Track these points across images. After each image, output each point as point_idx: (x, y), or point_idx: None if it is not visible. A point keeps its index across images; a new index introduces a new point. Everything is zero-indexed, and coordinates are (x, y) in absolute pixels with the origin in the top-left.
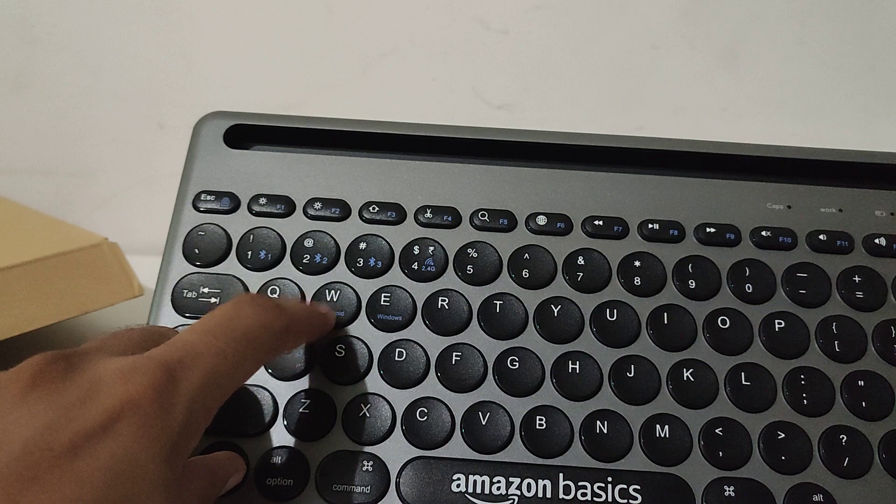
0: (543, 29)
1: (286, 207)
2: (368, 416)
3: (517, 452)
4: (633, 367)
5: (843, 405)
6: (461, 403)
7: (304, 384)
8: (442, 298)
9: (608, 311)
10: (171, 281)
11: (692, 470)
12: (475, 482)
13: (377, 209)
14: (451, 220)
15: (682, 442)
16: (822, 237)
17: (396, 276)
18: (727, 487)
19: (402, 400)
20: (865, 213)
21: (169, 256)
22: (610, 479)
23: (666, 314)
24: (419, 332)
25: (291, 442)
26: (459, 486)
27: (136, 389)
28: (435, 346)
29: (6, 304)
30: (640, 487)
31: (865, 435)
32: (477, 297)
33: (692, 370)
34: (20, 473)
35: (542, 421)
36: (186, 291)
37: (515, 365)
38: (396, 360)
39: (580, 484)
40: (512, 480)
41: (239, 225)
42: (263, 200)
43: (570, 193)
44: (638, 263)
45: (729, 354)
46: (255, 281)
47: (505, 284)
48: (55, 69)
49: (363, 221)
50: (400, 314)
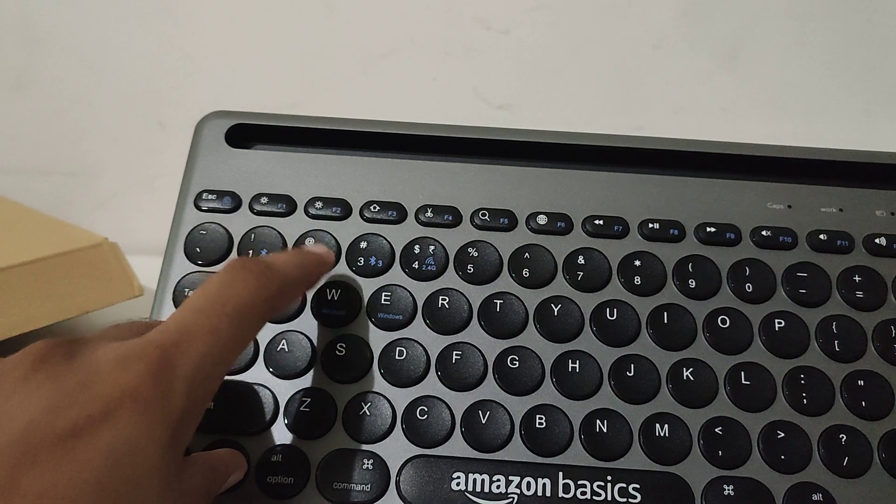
0: (544, 29)
1: (287, 207)
2: (369, 414)
3: (517, 451)
4: (632, 366)
5: (842, 405)
6: (461, 402)
7: (304, 383)
8: (442, 297)
9: (608, 310)
10: (172, 280)
11: (692, 469)
12: (475, 481)
13: (378, 208)
14: (451, 219)
15: (681, 441)
16: (822, 237)
17: (397, 275)
18: (727, 486)
19: (402, 398)
20: (866, 212)
21: (170, 255)
22: (609, 477)
23: (666, 313)
24: (419, 330)
25: (292, 440)
26: (459, 484)
27: (134, 377)
28: (435, 344)
29: (6, 304)
30: (639, 486)
31: (865, 434)
32: (477, 296)
33: (692, 369)
34: (21, 454)
35: (541, 420)
36: (188, 290)
37: (515, 364)
38: (397, 358)
39: (580, 483)
40: (511, 479)
41: (240, 224)
42: (265, 199)
43: (570, 193)
44: (638, 263)
45: (729, 354)
46: None
47: (505, 283)
48: (56, 69)
49: (364, 220)
50: (400, 313)
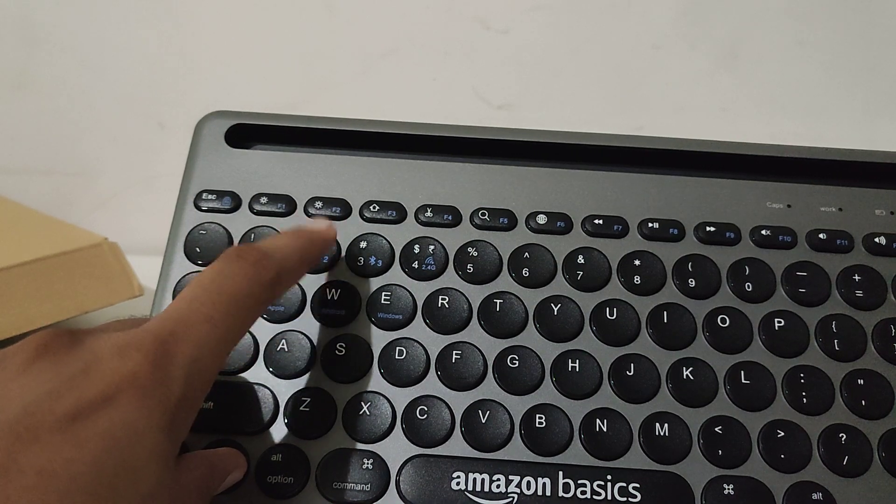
0: (544, 29)
1: (287, 206)
2: (369, 414)
3: (517, 451)
4: (632, 365)
5: (842, 404)
6: (461, 402)
7: (304, 382)
8: (442, 297)
9: (608, 309)
10: (172, 279)
11: (692, 468)
12: (475, 480)
13: (378, 208)
14: (451, 219)
15: (681, 440)
16: (821, 236)
17: (397, 274)
18: (726, 486)
19: (402, 398)
20: (865, 212)
21: (170, 255)
22: (609, 477)
23: (666, 313)
24: (419, 330)
25: (292, 440)
26: (459, 484)
27: (133, 364)
28: (435, 344)
29: (6, 304)
30: (639, 486)
31: (865, 433)
32: (477, 295)
33: (692, 369)
34: (20, 433)
35: (541, 419)
36: None
37: (515, 363)
38: (397, 358)
39: (580, 482)
40: (511, 478)
41: (240, 224)
42: (265, 199)
43: (570, 192)
44: (638, 262)
45: (729, 353)
46: None
47: (505, 283)
48: (55, 69)
49: (364, 220)
50: (400, 313)
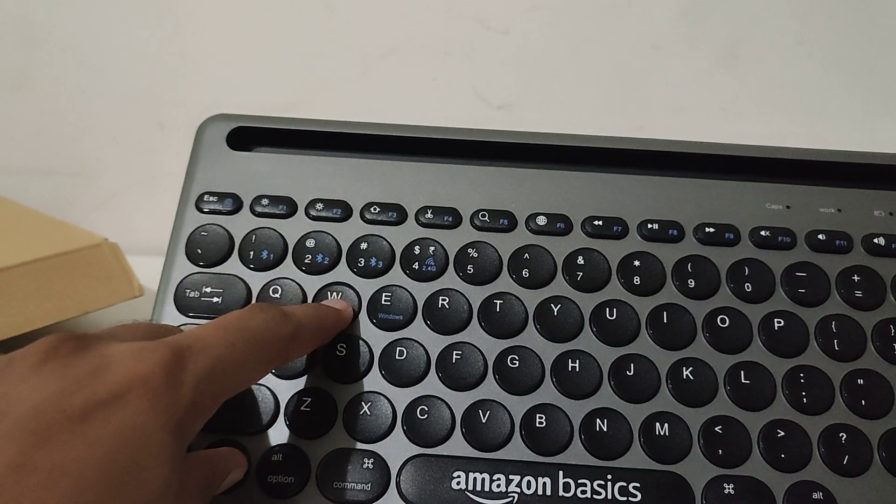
0: (544, 29)
1: (288, 208)
2: (369, 414)
3: (517, 450)
4: (632, 365)
5: (842, 403)
6: (461, 402)
7: (305, 382)
8: (442, 298)
9: (608, 310)
10: (173, 281)
11: (692, 468)
12: (475, 480)
13: (378, 210)
14: (451, 220)
15: (681, 440)
16: (821, 237)
17: (397, 275)
18: (727, 485)
19: (402, 398)
20: (864, 213)
21: (172, 256)
22: (610, 476)
23: (665, 313)
24: (420, 331)
25: (293, 440)
26: (459, 483)
27: (146, 366)
28: (435, 344)
29: (6, 304)
30: (639, 485)
31: (865, 433)
32: (477, 296)
33: (692, 369)
34: (33, 431)
35: (541, 419)
36: (189, 291)
37: (515, 364)
38: (397, 358)
39: (580, 482)
40: (512, 478)
41: (241, 225)
42: (266, 201)
43: (569, 194)
44: (637, 263)
45: (728, 353)
46: (257, 281)
47: (505, 284)
48: (55, 69)
49: (364, 222)
50: (401, 313)
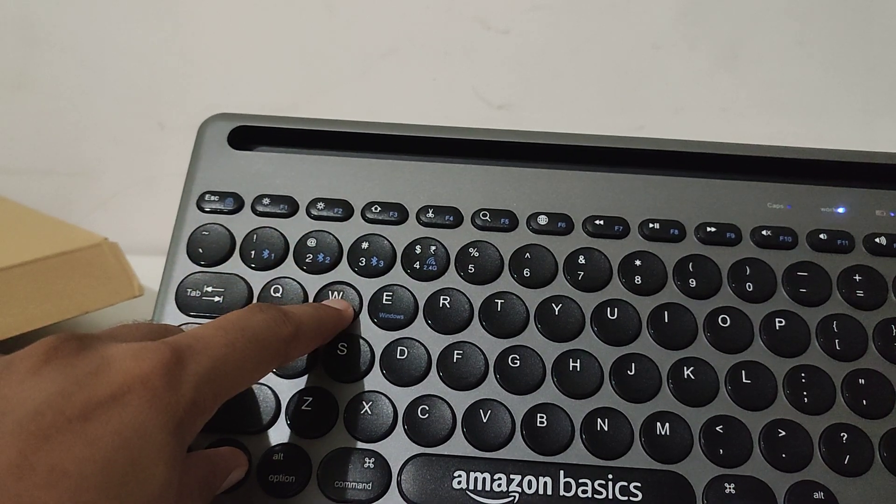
0: (544, 29)
1: (289, 208)
2: (370, 413)
3: (518, 450)
4: (633, 365)
5: (843, 403)
6: (462, 401)
7: (306, 382)
8: (443, 297)
9: (609, 309)
10: (175, 280)
11: (693, 467)
12: (476, 479)
13: (379, 209)
14: (452, 219)
15: (682, 439)
16: (822, 236)
17: (398, 275)
18: (728, 485)
19: (403, 398)
20: (866, 212)
21: (173, 256)
22: (611, 476)
23: (666, 313)
24: (421, 330)
25: (294, 439)
26: (460, 483)
27: (146, 365)
28: (436, 344)
29: (6, 304)
30: (640, 485)
31: (866, 433)
32: (478, 295)
33: (693, 368)
34: (32, 432)
35: (542, 418)
36: (190, 290)
37: (516, 363)
38: (398, 358)
39: (581, 481)
40: (513, 478)
41: (243, 225)
42: (267, 201)
43: (570, 193)
44: (639, 262)
45: (729, 353)
46: (258, 280)
47: (506, 283)
48: (55, 69)
49: (365, 221)
50: (402, 313)
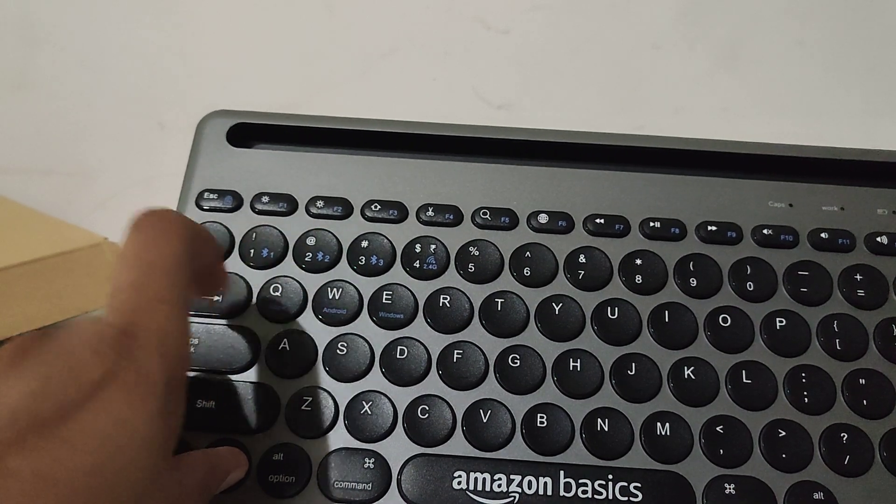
0: (544, 29)
1: (289, 206)
2: (370, 413)
3: (518, 450)
4: (634, 364)
5: (844, 403)
6: (462, 401)
7: (305, 382)
8: (443, 296)
9: (609, 308)
10: None
11: (693, 468)
12: (476, 479)
13: (379, 207)
14: (452, 218)
15: (682, 440)
16: (823, 235)
17: (398, 273)
18: (728, 485)
19: (403, 397)
20: (867, 211)
21: None
22: (611, 476)
23: (667, 312)
24: (421, 329)
25: (293, 439)
26: (461, 483)
27: (110, 362)
28: (436, 343)
29: (6, 304)
30: (640, 485)
31: (866, 433)
32: (478, 295)
33: (693, 368)
34: (7, 438)
35: (542, 418)
36: None
37: (516, 363)
38: (398, 357)
39: (581, 481)
40: (513, 478)
41: (242, 223)
42: (266, 199)
43: (571, 192)
44: (639, 261)
45: (730, 352)
46: (257, 278)
47: (506, 282)
48: (55, 69)
49: (365, 219)
50: (401, 312)
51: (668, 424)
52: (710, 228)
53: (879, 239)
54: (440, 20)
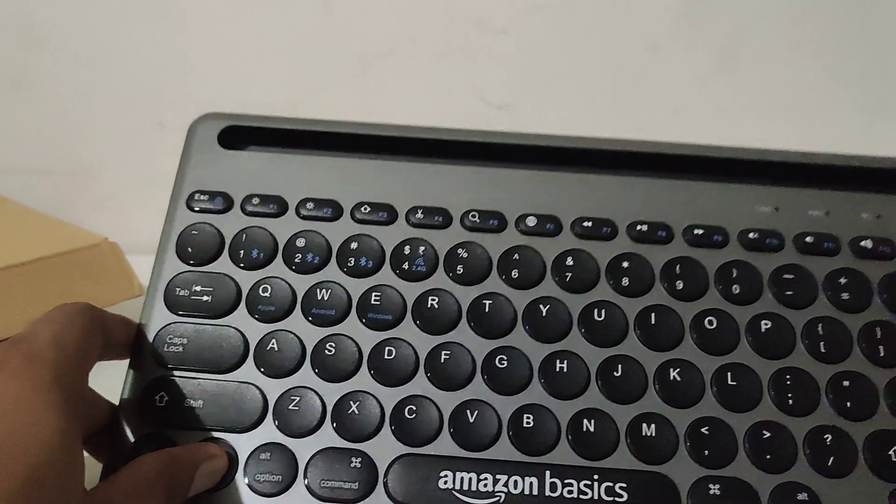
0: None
1: (279, 207)
2: (357, 413)
3: (504, 450)
4: (620, 366)
5: (828, 405)
6: (449, 401)
7: (293, 381)
8: (432, 298)
9: (596, 311)
10: (164, 279)
11: (678, 468)
12: (462, 479)
13: (369, 209)
14: (441, 220)
15: (668, 441)
16: (808, 239)
17: (387, 275)
18: (712, 486)
19: (390, 398)
20: (852, 215)
21: (162, 255)
22: (596, 477)
23: (653, 314)
24: (409, 331)
25: (281, 438)
26: (447, 483)
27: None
28: (424, 344)
29: (6, 304)
30: (626, 485)
31: (850, 435)
32: (466, 296)
33: (679, 370)
34: None
35: (529, 419)
36: (179, 289)
37: (504, 364)
38: (386, 358)
39: (566, 482)
40: (499, 478)
41: (232, 224)
42: (256, 200)
43: (559, 195)
44: (626, 264)
45: (715, 354)
46: (247, 280)
47: (494, 284)
48: (55, 69)
49: (355, 222)
50: (390, 313)
51: (653, 425)
52: (696, 232)
53: (863, 243)
54: (439, 20)
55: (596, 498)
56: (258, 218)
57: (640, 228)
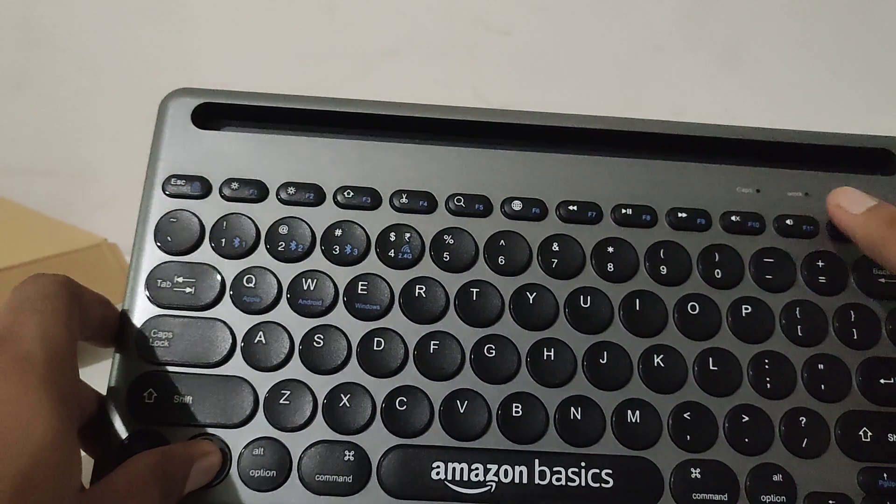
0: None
1: (259, 192)
2: (348, 405)
3: (494, 439)
4: (605, 353)
5: (803, 388)
6: (439, 392)
7: (283, 375)
8: (419, 286)
9: (582, 297)
10: (143, 270)
11: (661, 453)
12: (454, 469)
13: (352, 194)
14: (426, 205)
15: (652, 426)
16: (788, 222)
17: (373, 263)
18: (693, 469)
19: (381, 389)
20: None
21: (140, 244)
22: (583, 463)
23: (638, 300)
24: (397, 320)
25: (272, 433)
26: (439, 473)
27: None
28: (413, 334)
29: None
30: (612, 471)
31: (823, 416)
32: (454, 284)
33: (662, 356)
34: None
35: (517, 408)
36: (161, 281)
37: (492, 353)
38: (375, 349)
39: (555, 469)
40: (489, 467)
41: (211, 210)
42: (235, 185)
43: (544, 177)
44: (611, 249)
45: (698, 340)
46: (230, 269)
47: (481, 272)
48: (55, 69)
49: (338, 206)
50: (378, 303)
51: (638, 412)
52: (680, 215)
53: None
54: (442, 21)
55: (583, 484)
56: (238, 203)
57: (624, 212)
